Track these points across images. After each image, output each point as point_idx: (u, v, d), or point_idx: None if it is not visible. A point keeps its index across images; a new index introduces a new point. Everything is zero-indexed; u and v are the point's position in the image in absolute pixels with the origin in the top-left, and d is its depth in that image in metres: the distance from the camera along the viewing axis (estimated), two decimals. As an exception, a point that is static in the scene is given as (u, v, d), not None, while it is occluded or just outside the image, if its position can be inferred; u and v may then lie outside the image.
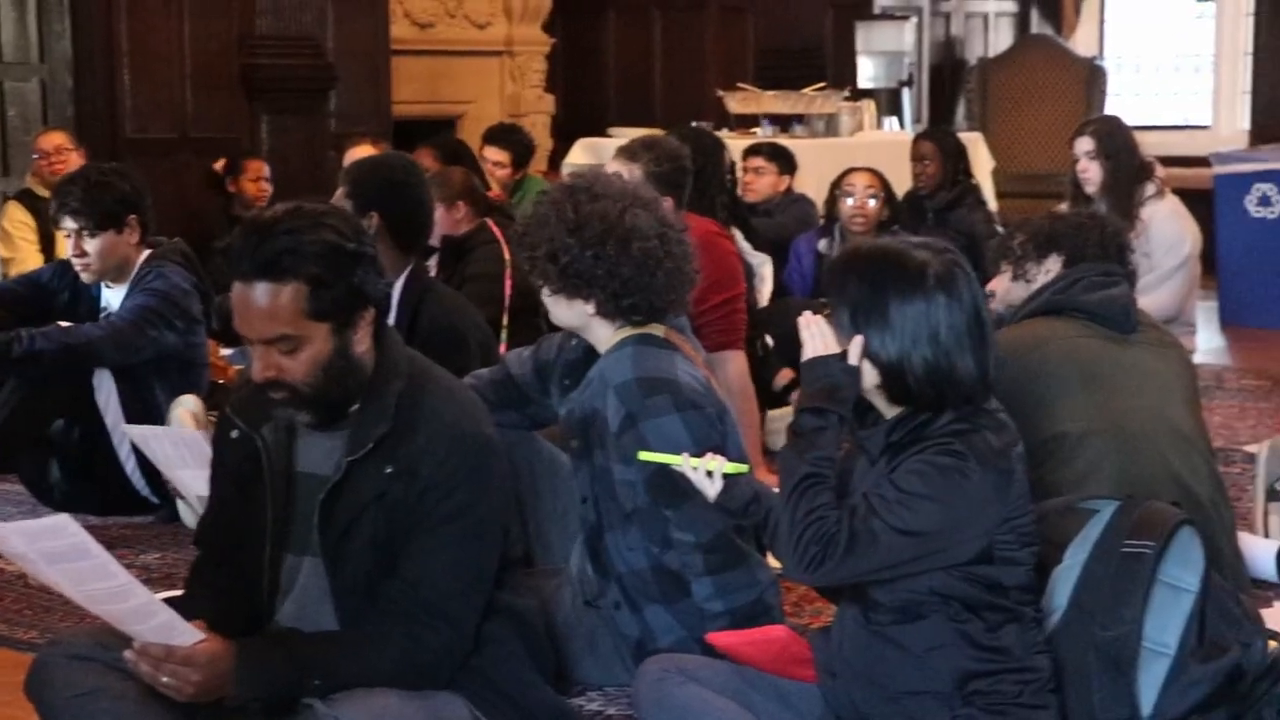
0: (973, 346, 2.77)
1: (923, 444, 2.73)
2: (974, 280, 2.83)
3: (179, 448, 4.42)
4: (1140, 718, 2.92)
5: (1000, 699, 2.76)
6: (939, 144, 7.73)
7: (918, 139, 7.81)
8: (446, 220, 5.80)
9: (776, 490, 2.87)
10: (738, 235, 6.82)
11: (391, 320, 4.05)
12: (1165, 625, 2.96)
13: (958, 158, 7.68)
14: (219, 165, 8.65)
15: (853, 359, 2.75)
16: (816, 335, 2.79)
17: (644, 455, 3.07)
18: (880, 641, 2.80)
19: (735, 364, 5.14)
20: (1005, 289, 3.98)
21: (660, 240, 3.33)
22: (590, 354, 3.49)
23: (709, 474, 2.92)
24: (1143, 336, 3.86)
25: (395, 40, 9.35)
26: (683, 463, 2.94)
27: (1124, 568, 2.97)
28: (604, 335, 3.41)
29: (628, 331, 3.38)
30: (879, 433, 2.80)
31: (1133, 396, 3.75)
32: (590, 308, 3.36)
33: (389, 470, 2.82)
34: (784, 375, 5.93)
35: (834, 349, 2.77)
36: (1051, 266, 3.90)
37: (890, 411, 2.82)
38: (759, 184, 7.73)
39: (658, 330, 3.39)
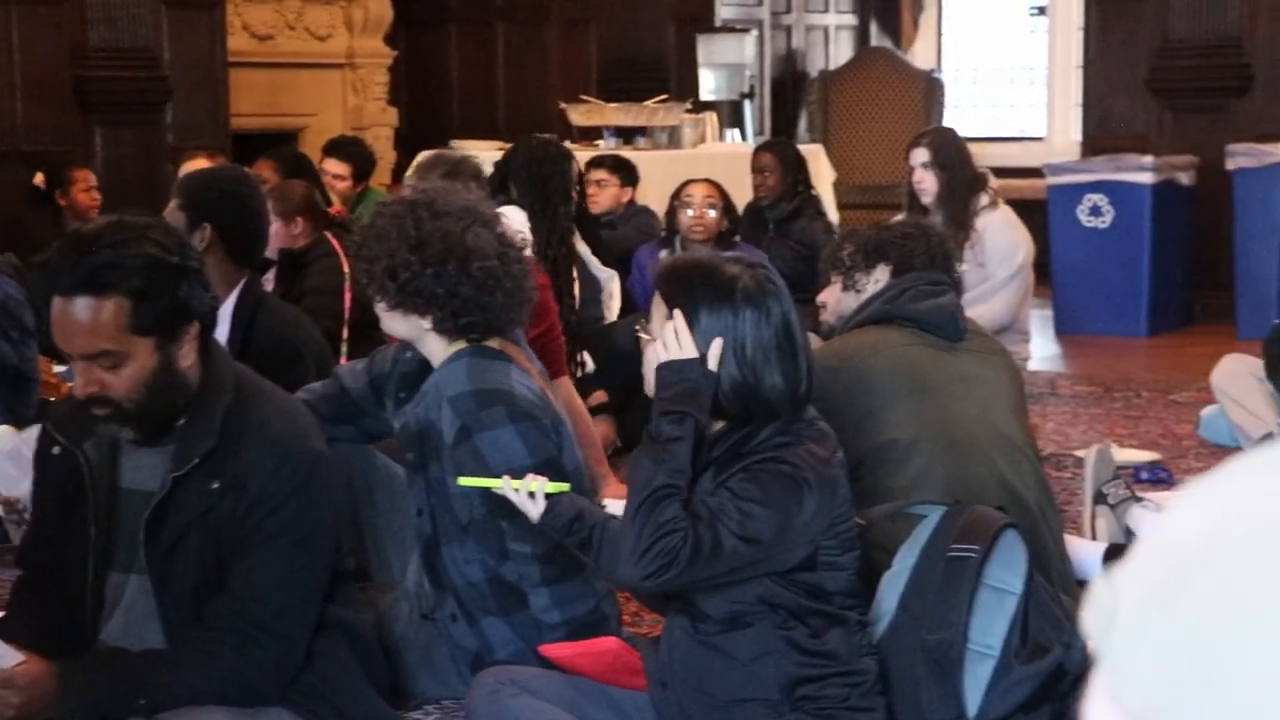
0: (780, 362, 2.80)
1: (748, 458, 2.76)
2: (784, 296, 2.86)
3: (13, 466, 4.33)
4: (966, 718, 2.97)
5: (828, 703, 2.80)
6: (779, 155, 7.78)
7: (758, 151, 7.87)
8: (284, 234, 5.75)
9: (607, 506, 2.89)
10: (585, 250, 6.85)
11: (225, 335, 4.02)
12: (990, 627, 3.02)
13: (798, 169, 7.75)
14: (38, 179, 8.45)
15: (712, 363, 2.78)
16: (674, 339, 2.80)
17: (464, 481, 3.07)
18: (707, 651, 2.83)
19: (564, 390, 5.13)
20: (836, 299, 4.03)
21: (500, 260, 3.33)
22: (425, 366, 3.47)
23: (531, 495, 2.93)
24: (970, 344, 3.92)
25: (234, 52, 9.25)
26: (503, 486, 2.95)
27: (950, 571, 3.03)
28: (438, 348, 3.40)
29: (463, 344, 3.37)
30: (714, 448, 2.84)
31: (961, 403, 3.81)
32: (427, 323, 3.35)
33: (215, 486, 2.80)
34: (597, 397, 5.95)
35: (692, 353, 2.79)
36: (880, 276, 3.95)
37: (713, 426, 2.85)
38: (602, 196, 7.75)
39: (493, 342, 3.39)
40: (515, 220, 4.21)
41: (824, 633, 2.81)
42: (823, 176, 9.20)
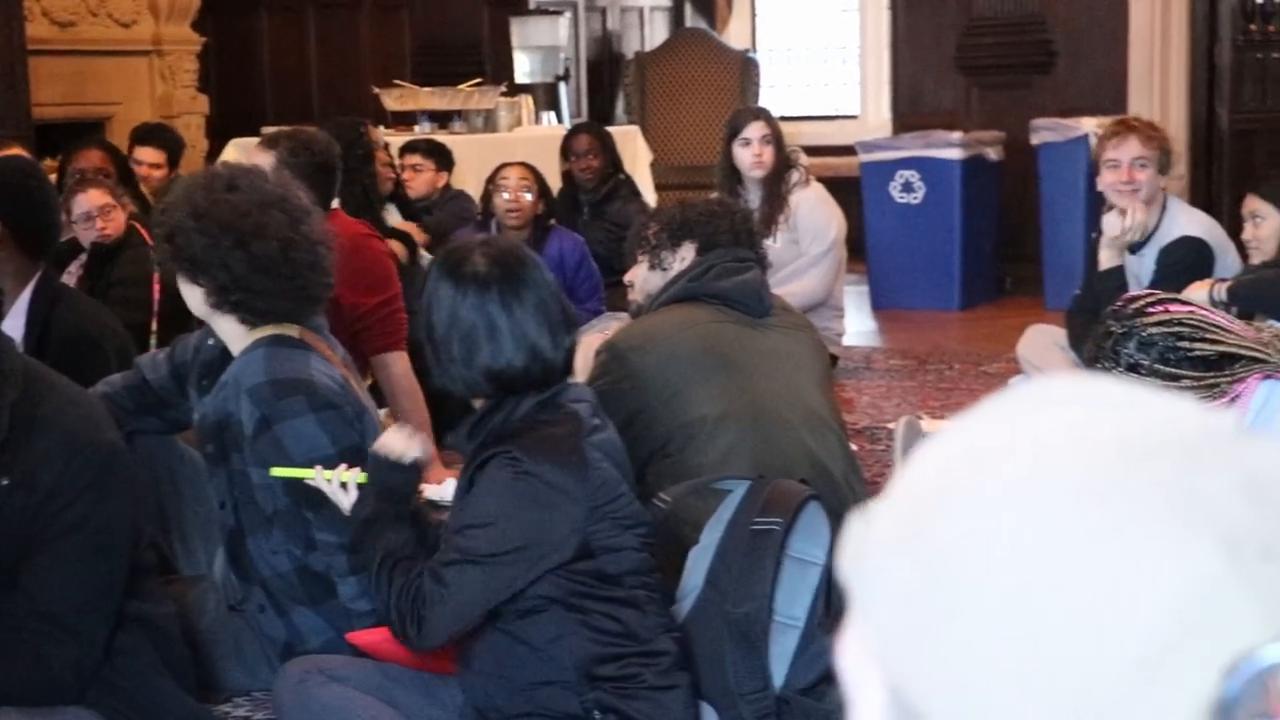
0: (517, 343, 2.83)
1: (487, 453, 2.78)
2: (527, 282, 2.87)
3: None
4: (772, 689, 3.01)
5: (627, 682, 2.82)
6: (598, 137, 7.75)
7: (574, 134, 7.81)
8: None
9: (424, 492, 2.90)
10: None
11: (21, 329, 3.93)
12: (794, 599, 3.06)
13: (614, 150, 7.74)
14: None
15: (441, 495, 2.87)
16: (392, 440, 2.92)
17: (276, 471, 3.05)
18: (506, 638, 2.84)
19: (399, 365, 5.10)
20: (643, 278, 4.05)
21: (283, 246, 3.28)
22: (227, 354, 3.43)
23: (343, 485, 2.92)
24: (776, 320, 3.96)
25: (34, 40, 9.00)
26: (315, 476, 2.93)
27: (754, 545, 3.06)
28: (234, 335, 3.36)
29: (261, 332, 3.33)
30: (461, 437, 2.85)
31: (767, 379, 3.85)
32: (198, 295, 3.31)
33: (5, 482, 2.74)
34: None
35: (406, 451, 2.89)
36: (686, 254, 3.98)
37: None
38: (417, 181, 7.69)
39: (292, 331, 3.36)
40: None
41: (617, 615, 2.83)
42: (639, 158, 9.23)
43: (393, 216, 7.09)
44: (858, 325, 8.20)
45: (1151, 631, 0.70)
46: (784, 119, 8.52)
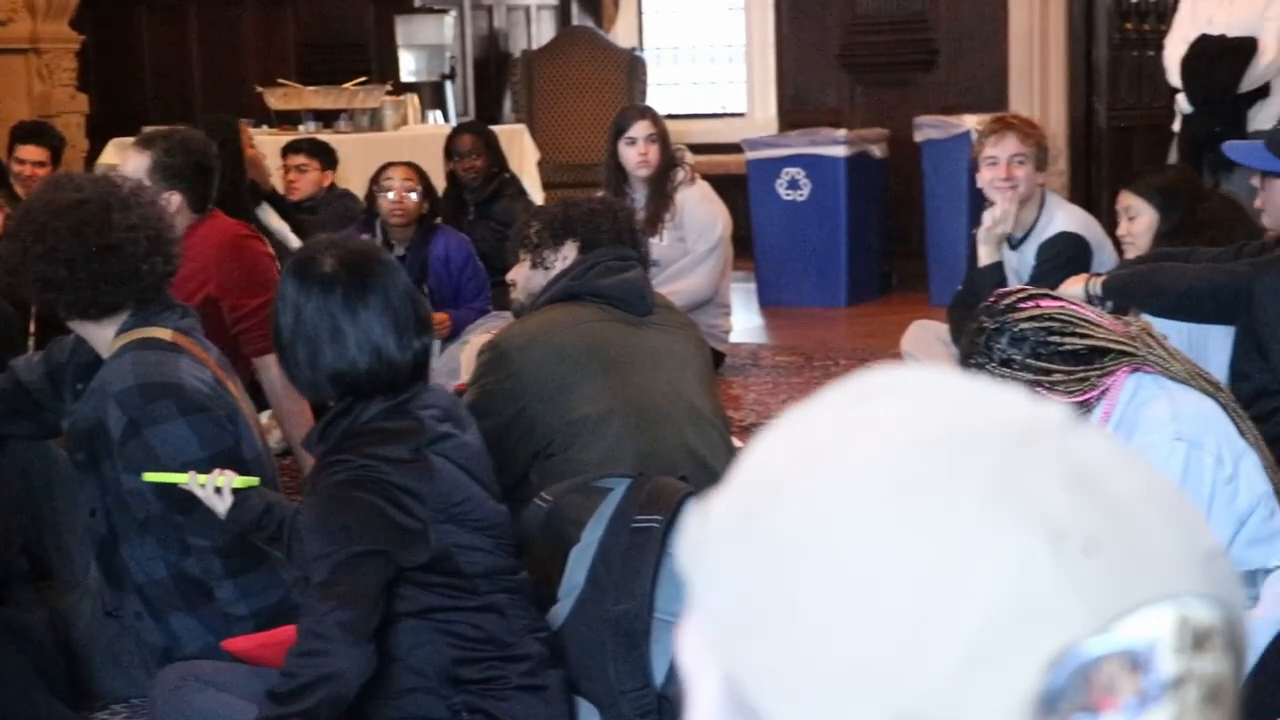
0: (360, 345, 2.81)
1: (331, 457, 2.76)
2: (374, 284, 2.85)
3: None
4: (654, 686, 3.01)
5: (491, 684, 2.82)
6: (482, 137, 7.71)
7: (457, 134, 7.73)
8: None
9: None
10: (285, 229, 6.78)
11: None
12: (675, 595, 3.06)
13: (498, 149, 7.71)
14: None
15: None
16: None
17: (149, 476, 3.02)
18: None
19: (279, 366, 5.04)
20: (525, 277, 4.03)
21: (81, 245, 3.23)
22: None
23: (218, 490, 2.89)
24: (658, 318, 3.97)
25: (-94, 38, 8.85)
26: (190, 481, 2.90)
27: (634, 543, 3.06)
28: (102, 340, 3.31)
29: (129, 336, 3.29)
30: (312, 439, 2.85)
31: (650, 377, 3.85)
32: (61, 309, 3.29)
33: None
34: None
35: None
36: (568, 253, 3.97)
37: None
38: (303, 181, 7.63)
39: (162, 333, 3.32)
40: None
41: (476, 622, 2.84)
42: (527, 156, 9.22)
43: (270, 216, 7.02)
44: (745, 322, 8.23)
45: (974, 624, 0.70)
46: (672, 117, 8.54)
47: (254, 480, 2.94)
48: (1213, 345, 3.86)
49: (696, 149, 8.38)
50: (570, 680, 2.96)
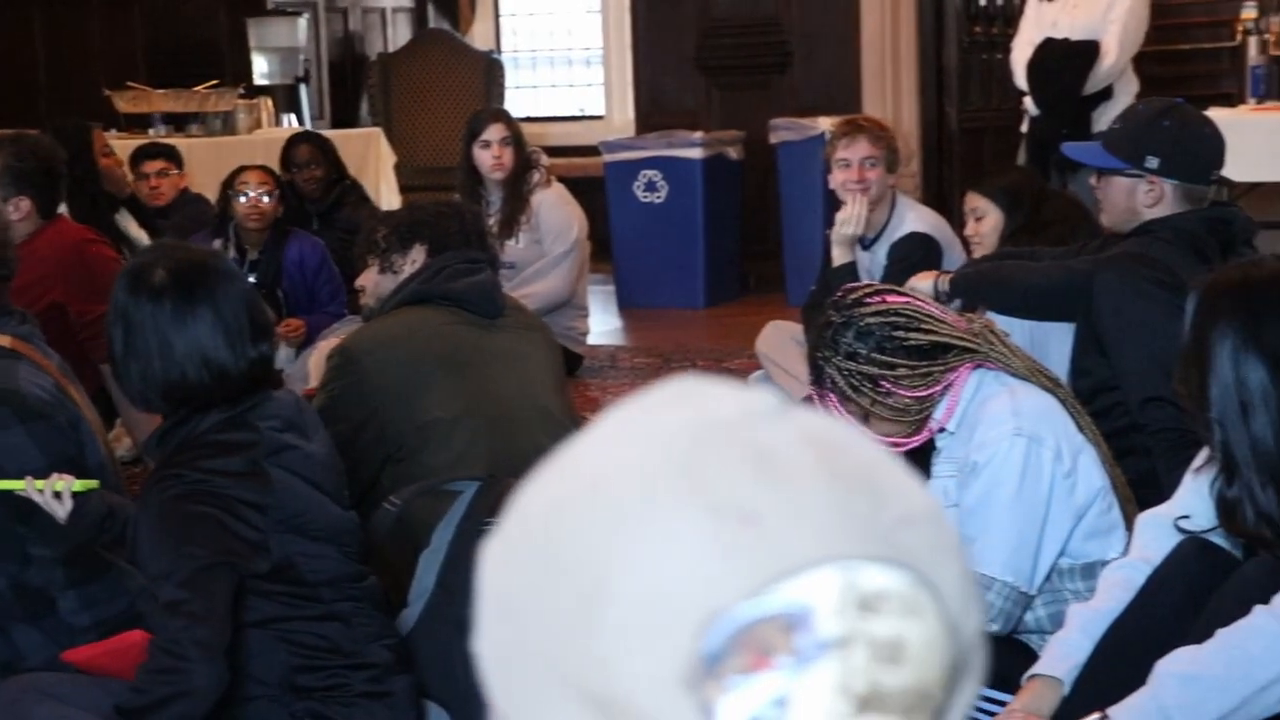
0: (189, 356, 2.78)
1: (163, 470, 2.74)
2: (205, 294, 2.82)
3: None
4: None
5: (333, 691, 2.80)
6: (319, 146, 7.58)
7: (293, 144, 7.56)
8: None
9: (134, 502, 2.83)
10: (142, 236, 6.68)
11: None
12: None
13: (336, 156, 7.59)
14: None
15: None
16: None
17: None
18: None
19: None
20: (374, 282, 4.00)
21: None
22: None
23: (57, 494, 2.84)
24: (508, 321, 3.96)
25: None
26: (27, 487, 2.85)
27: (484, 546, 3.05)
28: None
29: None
30: (151, 447, 2.82)
31: (501, 379, 3.85)
32: None
33: None
34: None
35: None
36: (416, 257, 3.95)
37: None
38: (165, 185, 7.45)
39: (2, 340, 3.25)
40: None
41: (319, 630, 2.82)
42: (384, 160, 9.17)
43: (129, 223, 6.93)
44: (603, 324, 8.25)
45: (631, 597, 0.76)
46: (530, 120, 8.55)
47: (94, 483, 2.89)
48: (1053, 342, 3.93)
49: (555, 152, 8.38)
50: (420, 684, 2.95)
